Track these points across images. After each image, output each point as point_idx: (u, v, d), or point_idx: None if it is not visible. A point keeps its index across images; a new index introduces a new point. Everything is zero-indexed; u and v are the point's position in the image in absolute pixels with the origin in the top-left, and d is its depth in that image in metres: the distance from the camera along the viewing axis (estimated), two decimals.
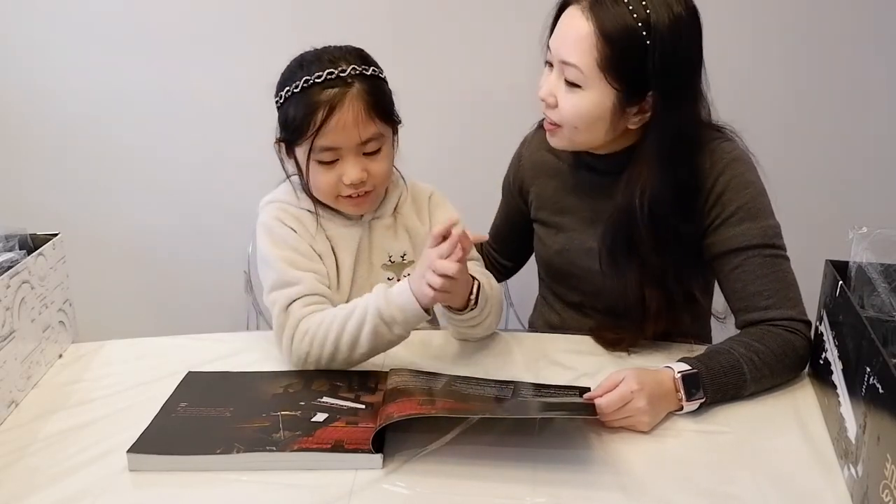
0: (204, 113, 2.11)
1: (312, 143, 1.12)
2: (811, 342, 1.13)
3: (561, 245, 1.29)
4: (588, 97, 1.11)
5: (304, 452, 0.93)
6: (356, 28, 2.00)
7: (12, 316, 1.06)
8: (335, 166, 1.15)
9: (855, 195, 2.06)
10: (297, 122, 1.13)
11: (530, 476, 0.91)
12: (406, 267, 1.25)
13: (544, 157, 1.31)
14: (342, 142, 1.13)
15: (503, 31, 1.97)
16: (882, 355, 0.81)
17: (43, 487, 0.90)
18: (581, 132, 1.15)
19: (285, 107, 1.16)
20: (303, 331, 1.11)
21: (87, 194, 2.17)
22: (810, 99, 2.02)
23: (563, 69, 1.11)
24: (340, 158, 1.14)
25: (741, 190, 1.15)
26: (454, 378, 1.08)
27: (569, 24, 1.11)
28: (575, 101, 1.12)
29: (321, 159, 1.14)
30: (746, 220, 1.14)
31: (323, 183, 1.16)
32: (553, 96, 1.14)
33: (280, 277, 1.15)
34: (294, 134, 1.14)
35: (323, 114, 1.10)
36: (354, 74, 1.12)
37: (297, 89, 1.13)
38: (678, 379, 1.02)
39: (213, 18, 2.03)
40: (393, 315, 1.09)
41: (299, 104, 1.12)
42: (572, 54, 1.10)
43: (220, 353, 1.21)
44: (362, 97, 1.12)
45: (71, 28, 2.03)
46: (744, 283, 1.14)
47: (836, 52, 1.98)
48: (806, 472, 0.93)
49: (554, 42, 1.14)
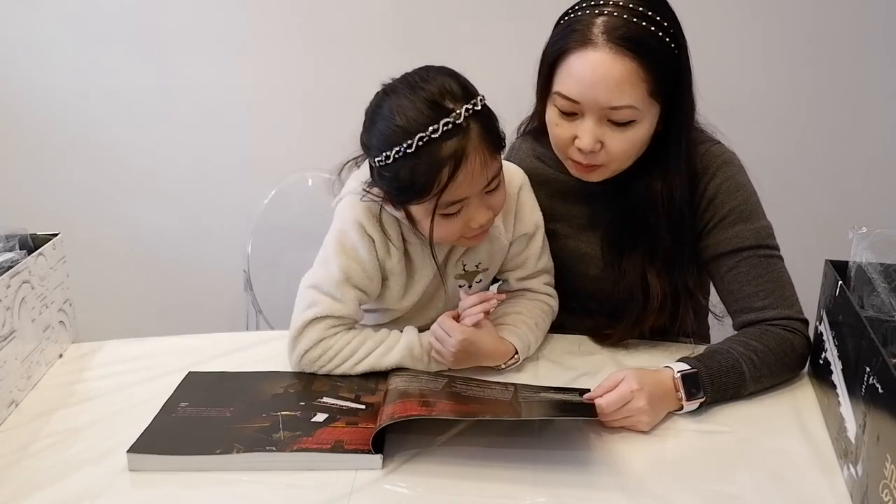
0: (204, 113, 2.11)
1: (438, 200, 1.02)
2: (810, 341, 1.13)
3: (554, 252, 1.28)
4: (642, 128, 1.09)
5: (303, 453, 0.93)
6: (357, 29, 2.01)
7: (12, 316, 1.06)
8: (460, 215, 1.06)
9: (855, 195, 2.06)
10: (420, 185, 1.00)
11: (530, 476, 0.91)
12: (478, 274, 1.21)
13: (535, 165, 1.28)
14: (469, 191, 1.03)
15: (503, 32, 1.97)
16: (882, 355, 0.81)
17: (43, 487, 0.90)
18: (630, 160, 1.13)
19: (394, 167, 1.01)
20: (324, 348, 1.11)
21: (87, 194, 2.17)
22: (810, 99, 2.02)
23: (609, 114, 1.06)
24: (465, 206, 1.05)
25: (733, 192, 1.15)
26: (454, 379, 1.08)
27: (596, 70, 1.04)
28: (629, 137, 1.08)
29: (448, 213, 1.04)
30: (739, 222, 1.15)
31: (448, 234, 1.08)
32: (600, 143, 1.09)
33: (331, 286, 1.11)
34: (414, 195, 1.03)
35: (449, 170, 0.99)
36: (468, 116, 1.00)
37: (412, 149, 0.99)
38: (678, 379, 1.02)
39: (214, 19, 2.03)
40: (423, 356, 1.12)
41: (418, 163, 0.99)
42: (622, 97, 1.04)
43: (220, 353, 1.21)
44: (482, 140, 1.01)
45: (71, 28, 2.03)
46: (739, 285, 1.14)
47: (837, 52, 1.98)
48: (806, 472, 0.93)
49: (579, 93, 1.06)
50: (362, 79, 1.20)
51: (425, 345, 1.12)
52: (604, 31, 1.04)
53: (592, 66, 1.05)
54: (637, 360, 1.17)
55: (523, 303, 1.23)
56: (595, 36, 1.05)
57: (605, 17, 1.05)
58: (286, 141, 2.12)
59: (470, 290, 1.21)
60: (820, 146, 2.06)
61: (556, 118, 1.12)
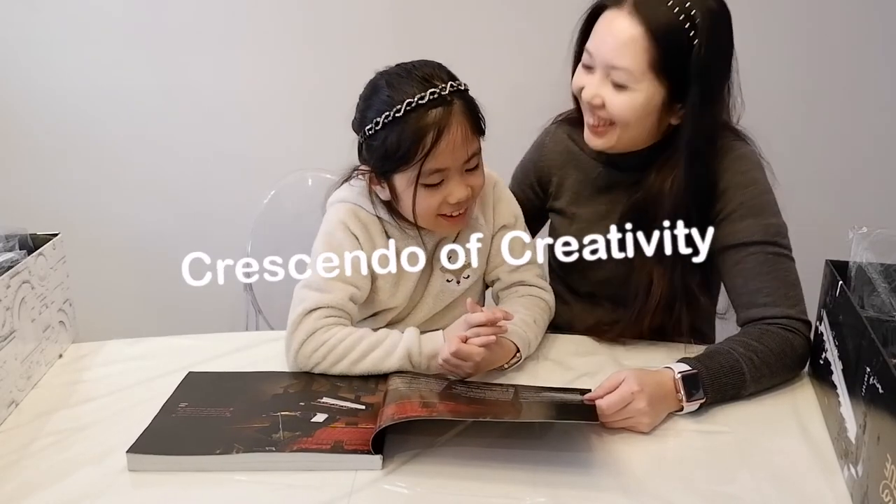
0: (204, 113, 2.11)
1: (421, 167, 1.08)
2: (810, 341, 1.13)
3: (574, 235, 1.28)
4: (637, 96, 1.12)
5: (303, 453, 0.93)
6: (357, 29, 2.01)
7: (12, 316, 1.06)
8: (440, 188, 1.11)
9: (855, 195, 2.06)
10: (404, 149, 1.07)
11: (530, 477, 0.91)
12: (465, 270, 1.23)
13: (571, 148, 1.32)
14: (451, 162, 1.09)
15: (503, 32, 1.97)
16: (882, 355, 0.81)
17: (43, 487, 0.90)
18: (632, 128, 1.15)
19: (383, 134, 1.08)
20: (319, 341, 1.11)
21: (87, 194, 2.17)
22: (810, 99, 2.02)
23: (610, 72, 1.12)
24: (445, 179, 1.11)
25: (745, 187, 1.16)
26: (454, 380, 1.08)
27: (611, 27, 1.11)
28: (624, 99, 1.13)
29: (429, 182, 1.10)
30: (749, 216, 1.15)
31: (427, 206, 1.12)
32: (599, 97, 1.14)
33: (318, 280, 1.14)
34: (399, 161, 1.09)
35: (433, 136, 1.06)
36: (452, 91, 1.08)
37: (400, 113, 1.06)
38: (678, 379, 1.02)
39: (214, 19, 2.03)
40: (421, 362, 1.11)
41: (404, 130, 1.07)
42: (622, 58, 1.10)
43: (220, 353, 1.21)
44: (465, 116, 1.09)
45: (71, 28, 2.03)
46: (744, 280, 1.15)
47: (837, 51, 1.98)
48: (806, 472, 0.93)
49: (594, 46, 1.14)
50: (362, 79, 1.20)
51: (425, 351, 1.11)
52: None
53: (611, 22, 1.12)
54: (637, 361, 1.17)
55: (520, 301, 1.24)
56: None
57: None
58: (286, 141, 2.12)
59: (458, 285, 1.23)
60: (820, 146, 2.06)
61: (579, 68, 1.19)
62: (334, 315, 1.14)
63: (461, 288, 1.24)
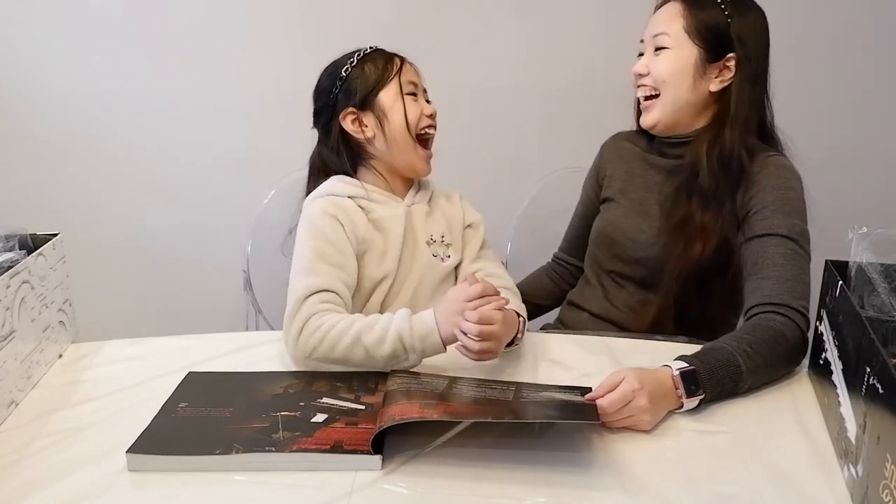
0: (204, 113, 2.11)
1: (400, 78, 1.27)
2: (804, 333, 1.14)
3: (614, 216, 1.43)
4: (675, 54, 1.30)
5: (303, 453, 0.93)
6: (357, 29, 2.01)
7: (12, 316, 1.06)
8: (417, 102, 1.29)
9: (855, 195, 2.06)
10: (380, 70, 1.28)
11: (530, 477, 0.91)
12: (448, 248, 1.33)
13: (624, 145, 1.49)
14: (416, 80, 1.31)
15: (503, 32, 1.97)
16: (882, 355, 0.81)
17: (43, 487, 0.90)
18: (672, 90, 1.30)
19: (356, 71, 1.28)
20: (314, 326, 1.12)
21: (87, 194, 2.17)
22: (810, 99, 2.02)
23: (654, 41, 1.31)
24: (418, 95, 1.30)
25: (781, 189, 1.24)
26: (455, 379, 1.08)
27: (657, 12, 1.34)
28: (663, 59, 1.31)
29: (409, 92, 1.28)
30: (779, 213, 1.22)
31: (414, 113, 1.28)
32: (644, 66, 1.33)
33: (305, 265, 1.18)
34: (380, 79, 1.27)
35: (398, 59, 1.30)
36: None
37: (367, 51, 1.30)
38: (677, 376, 1.03)
39: (214, 19, 2.03)
40: (413, 344, 1.11)
41: (375, 60, 1.29)
42: (662, 26, 1.31)
43: (220, 353, 1.21)
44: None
45: (71, 28, 2.04)
46: (760, 266, 1.20)
47: (837, 51, 1.98)
48: (806, 471, 0.93)
49: (648, 27, 1.34)
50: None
51: (416, 332, 1.10)
52: None
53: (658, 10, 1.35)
54: (637, 361, 1.17)
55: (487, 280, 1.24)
56: None
57: None
58: (286, 141, 2.11)
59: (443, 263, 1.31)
60: (820, 146, 2.06)
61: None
62: (327, 300, 1.15)
63: (445, 266, 1.30)
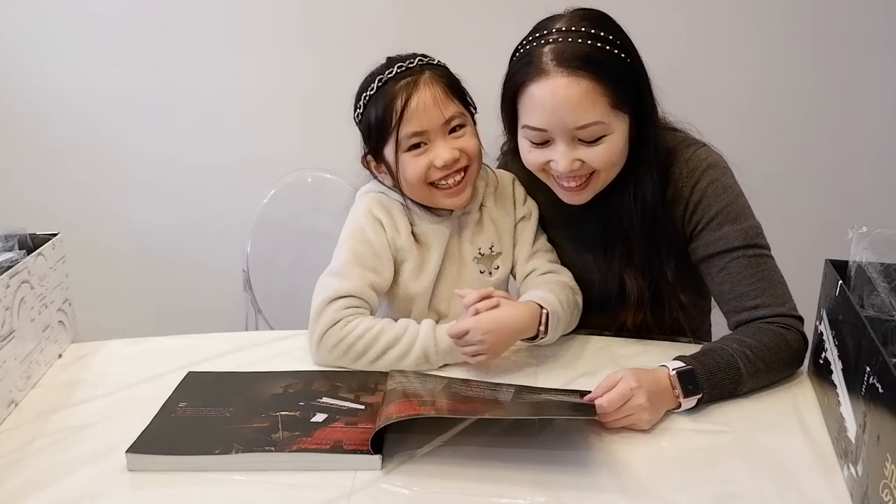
0: (203, 113, 2.11)
1: (398, 133, 1.14)
2: (805, 336, 1.13)
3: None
4: (615, 139, 1.11)
5: (302, 453, 0.93)
6: (357, 29, 2.01)
7: (12, 316, 1.06)
8: (426, 152, 1.15)
9: (855, 195, 2.06)
10: (380, 119, 1.15)
11: (530, 477, 0.91)
12: (495, 259, 1.27)
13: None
14: (426, 124, 1.14)
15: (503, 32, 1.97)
16: (882, 355, 0.81)
17: (43, 487, 0.90)
18: (614, 169, 1.15)
19: (366, 114, 1.18)
20: (338, 337, 1.13)
21: (87, 194, 2.17)
22: (810, 99, 2.02)
23: (577, 133, 1.09)
24: (429, 143, 1.15)
25: (719, 195, 1.17)
26: (454, 379, 1.08)
27: (555, 96, 1.07)
28: (603, 150, 1.11)
29: (410, 145, 1.15)
30: (727, 223, 1.16)
31: (415, 172, 1.16)
32: (577, 161, 1.11)
33: (338, 267, 1.18)
34: (380, 133, 1.16)
35: (402, 100, 1.13)
36: (422, 65, 1.17)
37: (373, 91, 1.15)
38: (673, 376, 1.03)
39: (213, 19, 2.03)
40: (438, 360, 1.14)
41: (378, 102, 1.15)
42: (586, 115, 1.07)
43: (220, 353, 1.21)
44: (436, 79, 1.15)
45: (71, 28, 2.03)
46: (731, 285, 1.16)
47: (837, 51, 1.98)
48: (806, 471, 0.93)
49: (544, 121, 1.10)
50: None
51: (441, 348, 1.13)
52: (553, 58, 1.07)
53: (550, 92, 1.07)
54: (637, 361, 1.17)
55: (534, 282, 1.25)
56: (546, 64, 1.08)
57: (551, 45, 1.08)
58: (285, 141, 2.12)
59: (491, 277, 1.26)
60: (820, 146, 2.06)
61: (528, 147, 1.16)
62: (353, 305, 1.15)
63: (494, 280, 1.27)
